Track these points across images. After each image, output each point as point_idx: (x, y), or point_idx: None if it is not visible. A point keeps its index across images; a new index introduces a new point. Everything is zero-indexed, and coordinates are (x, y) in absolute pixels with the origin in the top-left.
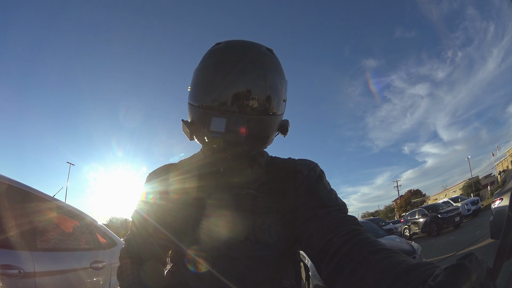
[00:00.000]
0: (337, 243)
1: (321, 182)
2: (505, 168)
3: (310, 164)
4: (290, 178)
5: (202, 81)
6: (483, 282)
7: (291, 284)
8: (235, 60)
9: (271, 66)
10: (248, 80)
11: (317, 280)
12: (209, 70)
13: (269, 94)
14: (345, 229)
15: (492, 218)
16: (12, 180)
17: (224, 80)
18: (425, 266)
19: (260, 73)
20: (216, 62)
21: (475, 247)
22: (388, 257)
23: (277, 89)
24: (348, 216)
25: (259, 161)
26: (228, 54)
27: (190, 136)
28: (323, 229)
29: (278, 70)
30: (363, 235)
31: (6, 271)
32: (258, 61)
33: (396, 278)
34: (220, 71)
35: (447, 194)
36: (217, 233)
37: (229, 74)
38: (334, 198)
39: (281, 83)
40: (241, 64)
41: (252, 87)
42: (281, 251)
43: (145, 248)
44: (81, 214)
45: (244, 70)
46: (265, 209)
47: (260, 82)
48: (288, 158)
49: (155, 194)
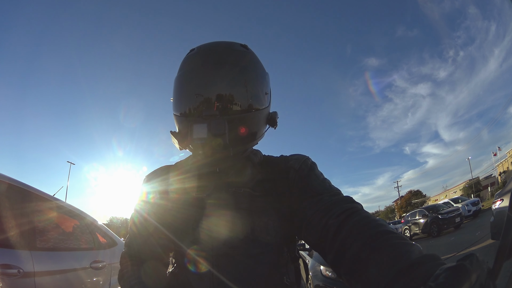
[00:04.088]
0: (334, 225)
1: (313, 173)
2: (505, 169)
3: (301, 158)
4: (283, 174)
5: (181, 90)
6: (483, 283)
7: (291, 281)
8: (209, 63)
9: (245, 62)
10: (224, 82)
11: (317, 280)
12: (185, 78)
13: (248, 91)
14: (340, 208)
15: (493, 219)
16: (12, 179)
17: (200, 86)
18: (427, 262)
19: (235, 71)
20: (191, 69)
21: (475, 247)
22: (391, 246)
23: (255, 84)
24: (341, 197)
25: (253, 160)
26: (202, 59)
27: (179, 147)
28: (318, 214)
29: (254, 65)
30: (361, 214)
31: (5, 270)
32: (231, 61)
33: (397, 274)
34: (195, 77)
35: (448, 195)
36: (217, 232)
37: (205, 79)
38: (328, 186)
39: (259, 77)
40: (216, 67)
41: (229, 87)
42: (280, 249)
43: (146, 248)
44: (81, 214)
45: (219, 72)
46: (262, 208)
47: (237, 80)
48: (280, 155)
49: (154, 194)
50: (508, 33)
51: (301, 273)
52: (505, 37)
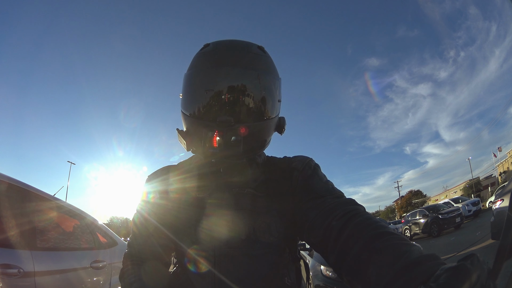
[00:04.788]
0: (337, 227)
1: (316, 175)
2: (505, 169)
3: (304, 160)
4: (286, 175)
5: (193, 89)
6: (484, 284)
7: (292, 281)
8: (226, 64)
9: (264, 67)
10: (241, 87)
11: (317, 280)
12: (199, 77)
13: (264, 98)
14: (342, 210)
15: (493, 219)
16: (12, 179)
17: (214, 88)
18: (428, 262)
19: (253, 77)
20: (205, 68)
21: (476, 247)
22: (391, 246)
23: (271, 92)
24: (344, 199)
25: (257, 161)
26: (217, 58)
27: (187, 148)
28: (321, 216)
29: (271, 70)
30: (363, 216)
31: (5, 270)
32: (250, 64)
33: (398, 273)
34: (209, 78)
35: (448, 195)
36: (218, 232)
37: (220, 81)
38: (331, 188)
39: (275, 84)
40: (232, 70)
41: (246, 94)
42: (281, 249)
43: (146, 248)
44: (82, 214)
45: (236, 75)
46: (264, 208)
47: (254, 87)
48: (283, 156)
49: (155, 193)
50: (508, 34)
51: (301, 273)
52: (506, 38)
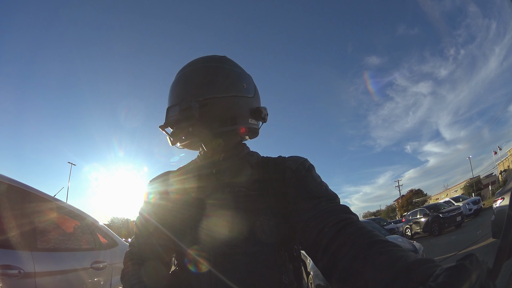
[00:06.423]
0: (329, 233)
1: (310, 175)
2: (506, 167)
3: (298, 160)
4: (279, 174)
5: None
6: (483, 283)
7: (290, 280)
8: (184, 67)
9: (216, 61)
10: (194, 74)
11: (318, 280)
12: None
13: (217, 78)
14: (336, 218)
15: (494, 217)
16: (13, 180)
17: (177, 84)
18: (425, 264)
19: (207, 67)
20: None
21: (476, 246)
22: (386, 252)
23: (226, 73)
24: (338, 205)
25: (250, 161)
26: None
27: (170, 142)
28: (314, 219)
29: (225, 62)
30: (357, 225)
31: (6, 271)
32: (205, 61)
33: (396, 276)
34: (174, 84)
35: (448, 194)
36: (215, 232)
37: (181, 76)
38: (324, 190)
39: (229, 68)
40: (184, 69)
41: (199, 77)
42: (277, 248)
43: (147, 248)
44: (82, 214)
45: (192, 69)
46: (258, 207)
47: (206, 72)
48: (278, 156)
49: (155, 194)
50: (508, 32)
51: (301, 273)
52: (506, 36)
